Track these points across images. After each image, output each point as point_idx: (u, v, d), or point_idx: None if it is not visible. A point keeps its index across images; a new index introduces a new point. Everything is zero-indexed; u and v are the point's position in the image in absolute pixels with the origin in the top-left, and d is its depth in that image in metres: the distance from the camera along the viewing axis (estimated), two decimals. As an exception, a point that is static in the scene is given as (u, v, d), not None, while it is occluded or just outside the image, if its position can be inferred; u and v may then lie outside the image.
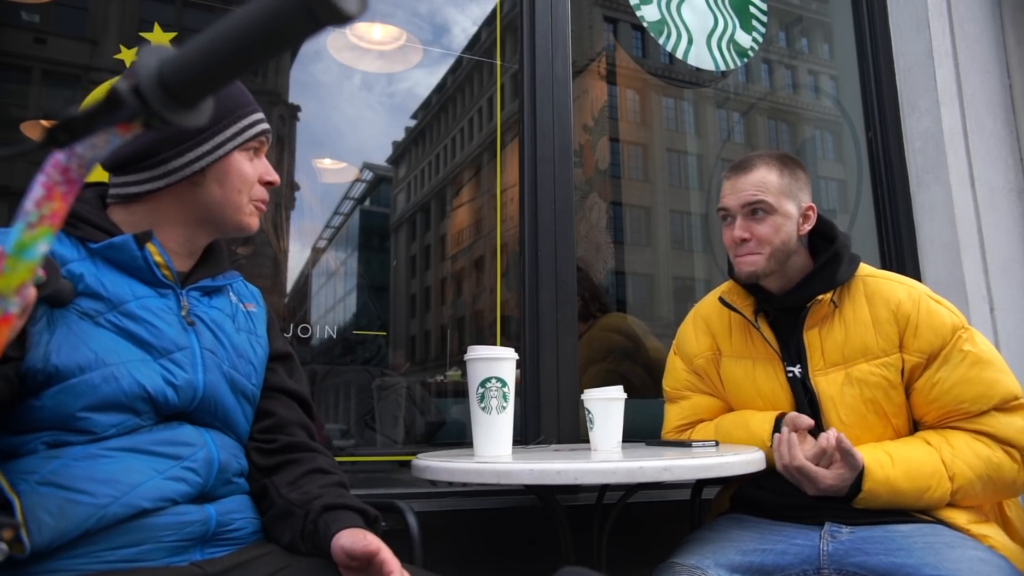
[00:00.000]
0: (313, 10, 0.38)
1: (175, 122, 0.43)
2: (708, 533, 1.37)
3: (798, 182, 1.43)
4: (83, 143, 0.43)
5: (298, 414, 1.13)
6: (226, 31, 0.41)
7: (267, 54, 0.42)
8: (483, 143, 2.74)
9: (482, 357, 1.31)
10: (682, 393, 1.60)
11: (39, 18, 1.94)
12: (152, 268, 0.96)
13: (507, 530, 1.74)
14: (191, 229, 1.03)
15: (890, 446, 1.32)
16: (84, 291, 0.90)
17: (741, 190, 1.41)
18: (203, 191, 1.01)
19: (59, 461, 0.84)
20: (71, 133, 0.42)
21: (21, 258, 0.43)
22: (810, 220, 1.44)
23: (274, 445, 1.07)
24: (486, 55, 2.54)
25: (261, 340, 1.11)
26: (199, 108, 0.44)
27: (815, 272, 1.41)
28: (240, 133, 1.02)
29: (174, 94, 0.42)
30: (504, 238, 2.18)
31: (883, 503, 1.28)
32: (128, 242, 0.94)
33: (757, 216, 1.40)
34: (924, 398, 1.33)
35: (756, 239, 1.39)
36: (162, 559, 0.87)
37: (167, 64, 0.42)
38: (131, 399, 0.88)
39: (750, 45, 2.65)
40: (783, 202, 1.40)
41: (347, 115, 2.49)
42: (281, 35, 0.40)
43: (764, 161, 1.43)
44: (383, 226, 2.84)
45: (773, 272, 1.41)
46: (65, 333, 0.86)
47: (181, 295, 1.00)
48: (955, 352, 1.31)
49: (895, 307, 1.35)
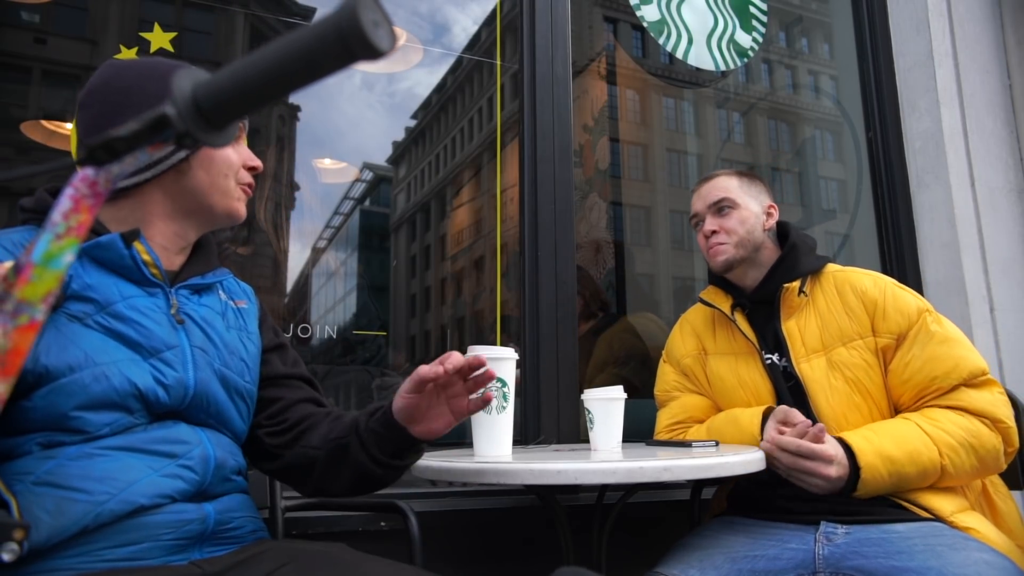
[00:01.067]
0: (350, 45, 0.40)
1: (205, 143, 0.45)
2: (698, 539, 1.38)
3: (755, 186, 1.61)
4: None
5: (304, 391, 1.14)
6: (263, 60, 0.43)
7: (300, 84, 0.44)
8: (483, 143, 2.74)
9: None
10: (671, 395, 1.64)
11: (39, 18, 1.94)
12: (140, 267, 0.95)
13: (507, 530, 1.75)
14: (180, 222, 1.03)
15: (870, 426, 1.36)
16: (72, 293, 0.90)
17: (707, 194, 1.60)
18: (189, 179, 1.01)
19: (54, 461, 0.83)
20: (112, 153, 0.44)
21: (48, 267, 0.45)
22: (773, 217, 1.60)
23: (285, 424, 1.09)
24: (486, 55, 2.54)
25: (253, 336, 1.11)
26: (227, 130, 0.46)
27: (779, 261, 1.55)
28: None
29: (206, 116, 0.44)
30: (504, 238, 2.18)
31: (885, 481, 1.28)
32: (115, 241, 0.93)
33: (723, 212, 1.57)
34: (898, 378, 1.39)
35: (724, 231, 1.55)
36: (161, 558, 0.87)
37: (201, 88, 0.44)
38: (123, 397, 0.88)
39: (750, 45, 2.65)
40: (745, 199, 1.57)
41: (347, 115, 2.49)
42: (316, 67, 0.42)
43: (724, 172, 1.63)
44: (383, 226, 2.83)
45: (743, 260, 1.55)
46: (54, 334, 0.86)
47: (170, 293, 0.99)
48: (923, 332, 1.39)
49: (862, 294, 1.46)
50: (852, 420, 1.39)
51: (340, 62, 0.41)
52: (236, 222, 1.08)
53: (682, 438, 1.56)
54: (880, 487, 1.29)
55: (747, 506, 1.45)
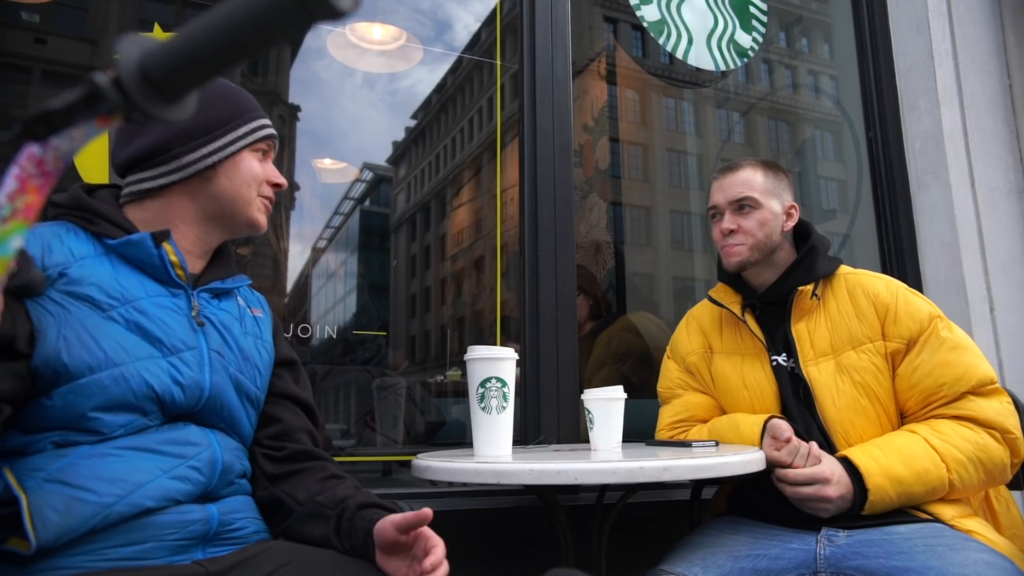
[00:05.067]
0: (307, 5, 0.37)
1: (157, 116, 0.41)
2: (700, 538, 1.37)
3: (780, 183, 1.54)
4: (61, 135, 0.41)
5: (304, 421, 1.15)
6: (214, 23, 0.40)
7: (256, 49, 0.41)
8: (483, 143, 2.74)
9: (482, 357, 1.31)
10: (675, 392, 1.63)
11: (39, 18, 1.94)
12: (167, 267, 0.98)
13: (507, 530, 1.74)
14: (203, 227, 1.05)
15: (875, 442, 1.34)
16: (98, 285, 0.91)
17: (729, 188, 1.52)
18: (214, 186, 1.04)
19: (66, 459, 0.84)
20: (48, 126, 0.41)
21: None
22: (793, 218, 1.54)
23: (283, 453, 1.09)
24: (486, 55, 2.54)
25: (267, 345, 1.13)
26: (183, 103, 0.42)
27: (795, 264, 1.50)
28: (251, 133, 1.07)
29: (157, 87, 0.40)
30: (504, 238, 2.18)
31: (893, 501, 1.27)
32: (145, 240, 0.96)
33: (744, 211, 1.50)
34: (906, 383, 1.38)
35: (742, 231, 1.49)
36: (165, 558, 0.87)
37: (150, 56, 0.40)
38: (140, 399, 0.89)
39: (750, 45, 2.65)
40: (768, 199, 1.50)
41: (347, 115, 2.49)
42: (272, 29, 0.39)
43: (750, 163, 1.54)
44: (383, 226, 2.84)
45: (757, 262, 1.50)
46: (76, 328, 0.87)
47: (192, 295, 1.01)
48: (933, 338, 1.37)
49: (874, 297, 1.43)
50: (858, 424, 1.37)
51: (298, 23, 0.38)
52: (257, 232, 1.11)
53: (683, 438, 1.56)
54: (888, 507, 1.28)
55: (747, 509, 1.45)
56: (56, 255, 0.91)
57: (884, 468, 1.27)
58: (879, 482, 1.26)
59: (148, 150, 1.01)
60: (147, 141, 1.01)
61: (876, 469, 1.27)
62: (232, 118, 1.05)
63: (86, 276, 0.91)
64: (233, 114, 1.05)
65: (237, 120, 1.05)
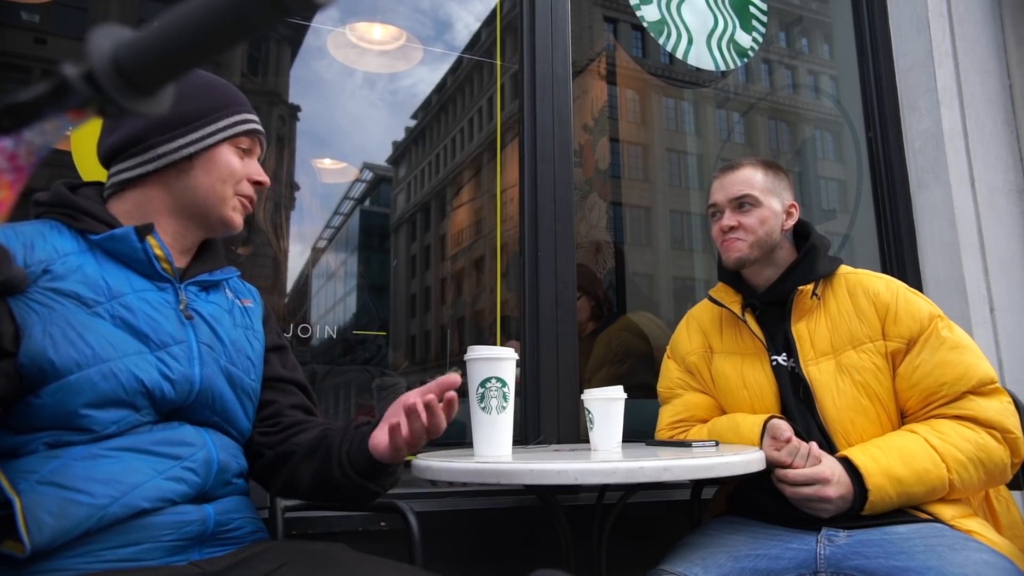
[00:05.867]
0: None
1: (131, 110, 0.40)
2: (700, 538, 1.37)
3: (780, 182, 1.55)
4: (32, 129, 0.40)
5: (297, 398, 1.16)
6: (189, 15, 0.39)
7: (232, 41, 0.40)
8: (483, 143, 2.74)
9: (482, 357, 1.31)
10: (675, 392, 1.63)
11: (39, 18, 1.94)
12: (152, 261, 0.97)
13: (507, 530, 1.74)
14: (179, 221, 1.03)
15: (875, 442, 1.34)
16: (83, 281, 0.90)
17: (729, 186, 1.54)
18: (189, 179, 1.02)
19: (59, 461, 0.84)
20: (17, 119, 0.40)
21: None
22: (793, 217, 1.55)
23: (277, 427, 1.10)
24: (486, 55, 2.54)
25: (258, 335, 1.12)
26: (158, 96, 0.41)
27: (795, 263, 1.51)
28: (230, 127, 1.04)
29: (130, 80, 0.40)
30: (504, 238, 2.18)
31: (893, 501, 1.27)
32: (129, 234, 0.95)
33: (744, 209, 1.51)
34: (907, 382, 1.38)
35: (742, 228, 1.50)
36: (161, 559, 0.87)
37: (123, 48, 0.40)
38: (131, 395, 0.89)
39: (750, 45, 2.65)
40: (768, 197, 1.52)
41: (347, 115, 2.49)
42: (247, 21, 0.38)
43: (750, 162, 1.56)
44: (383, 226, 2.83)
45: (757, 260, 1.51)
46: (62, 325, 0.86)
47: (179, 289, 1.00)
48: (933, 337, 1.37)
49: (874, 297, 1.44)
50: (858, 424, 1.37)
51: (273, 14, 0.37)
52: (231, 232, 1.08)
53: (683, 438, 1.56)
54: (888, 507, 1.28)
55: (747, 509, 1.45)
56: (39, 252, 0.90)
57: (884, 468, 1.27)
58: (879, 482, 1.26)
59: (127, 140, 1.00)
60: (125, 132, 1.00)
61: (876, 469, 1.27)
62: (212, 111, 1.03)
63: (70, 272, 0.90)
64: (214, 107, 1.03)
65: (217, 113, 1.03)
